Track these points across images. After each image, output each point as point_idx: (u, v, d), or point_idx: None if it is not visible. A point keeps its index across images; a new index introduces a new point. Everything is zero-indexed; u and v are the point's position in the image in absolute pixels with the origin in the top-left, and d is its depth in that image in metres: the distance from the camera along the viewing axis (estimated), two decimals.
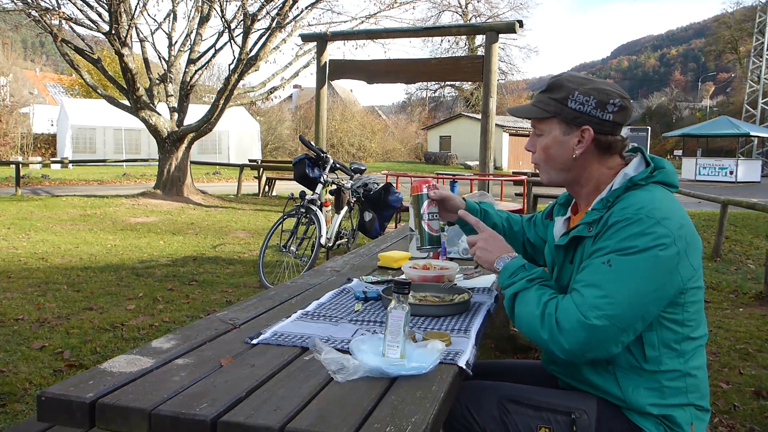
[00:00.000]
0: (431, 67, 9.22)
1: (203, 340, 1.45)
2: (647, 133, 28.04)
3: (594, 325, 1.30)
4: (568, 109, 1.48)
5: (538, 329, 1.38)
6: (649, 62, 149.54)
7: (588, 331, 1.31)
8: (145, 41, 12.98)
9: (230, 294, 5.00)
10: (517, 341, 3.86)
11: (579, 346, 1.32)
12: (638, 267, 1.31)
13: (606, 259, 1.34)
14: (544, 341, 1.37)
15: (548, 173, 1.58)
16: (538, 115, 1.53)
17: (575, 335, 1.32)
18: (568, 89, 1.48)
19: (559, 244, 1.54)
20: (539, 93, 1.57)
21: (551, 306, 1.38)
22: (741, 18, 43.09)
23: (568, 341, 1.33)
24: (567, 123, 1.50)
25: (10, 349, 3.52)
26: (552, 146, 1.53)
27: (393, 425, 1.04)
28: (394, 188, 5.54)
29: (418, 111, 49.59)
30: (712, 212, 9.46)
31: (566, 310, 1.34)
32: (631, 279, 1.31)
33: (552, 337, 1.35)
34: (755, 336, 4.15)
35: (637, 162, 1.51)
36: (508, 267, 1.52)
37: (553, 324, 1.35)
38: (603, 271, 1.33)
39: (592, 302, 1.32)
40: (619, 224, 1.36)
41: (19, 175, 13.68)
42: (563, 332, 1.33)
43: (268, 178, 14.73)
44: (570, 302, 1.35)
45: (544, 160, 1.56)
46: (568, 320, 1.33)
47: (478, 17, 41.70)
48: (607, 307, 1.30)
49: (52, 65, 64.50)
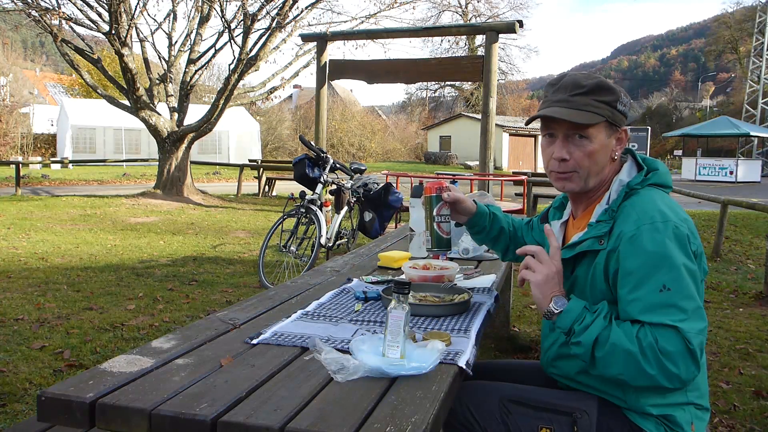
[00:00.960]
0: (431, 67, 9.22)
1: (203, 340, 1.45)
2: (647, 133, 28.07)
3: (697, 346, 1.27)
4: (617, 113, 1.46)
5: (642, 365, 1.27)
6: (649, 62, 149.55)
7: (694, 355, 1.27)
8: (145, 41, 12.98)
9: (230, 294, 5.00)
10: (517, 341, 3.86)
11: (692, 371, 1.27)
12: (683, 274, 1.31)
13: (660, 286, 1.30)
14: (650, 377, 1.27)
15: (586, 180, 1.49)
16: (595, 120, 1.43)
17: (687, 363, 1.26)
18: (615, 92, 1.45)
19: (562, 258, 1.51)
20: (576, 95, 1.45)
21: (647, 337, 1.28)
22: (741, 18, 43.09)
23: (681, 368, 1.26)
24: (611, 126, 1.46)
25: (10, 349, 3.52)
26: (599, 151, 1.46)
27: (393, 425, 1.04)
28: (394, 188, 5.54)
29: (418, 111, 49.59)
30: (712, 212, 9.46)
31: (666, 338, 1.27)
32: (689, 286, 1.31)
33: (662, 369, 1.26)
34: (755, 336, 4.15)
35: (629, 166, 1.51)
36: (571, 309, 1.37)
37: (659, 355, 1.26)
38: (667, 297, 1.30)
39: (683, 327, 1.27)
40: (639, 238, 1.34)
41: (19, 175, 13.68)
42: (674, 360, 1.26)
43: (268, 178, 14.73)
44: (664, 330, 1.28)
45: (587, 167, 1.47)
46: (675, 348, 1.26)
47: (478, 17, 41.70)
48: (695, 323, 1.28)
49: (52, 65, 64.54)
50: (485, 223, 1.87)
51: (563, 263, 1.52)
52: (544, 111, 1.48)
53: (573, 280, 1.50)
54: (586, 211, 1.55)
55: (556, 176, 1.51)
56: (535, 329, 4.16)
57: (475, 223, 1.86)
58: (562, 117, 1.44)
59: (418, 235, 2.53)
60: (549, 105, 1.49)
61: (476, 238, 1.93)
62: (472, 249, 2.62)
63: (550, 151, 1.50)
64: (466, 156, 34.77)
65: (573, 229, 1.59)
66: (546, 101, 1.51)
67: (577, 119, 1.43)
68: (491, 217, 1.88)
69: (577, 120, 1.43)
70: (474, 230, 1.89)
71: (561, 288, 1.43)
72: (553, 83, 1.52)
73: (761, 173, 27.51)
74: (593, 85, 1.45)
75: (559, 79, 1.51)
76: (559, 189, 1.55)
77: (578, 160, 1.46)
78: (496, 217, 1.89)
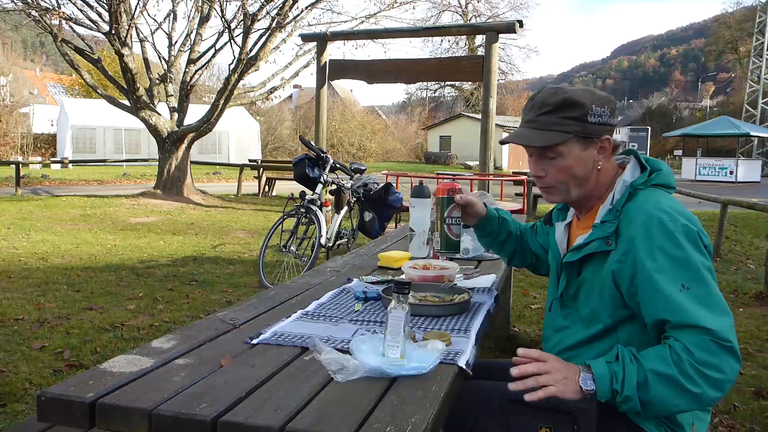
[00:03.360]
0: (431, 67, 9.22)
1: (203, 340, 1.45)
2: (647, 133, 28.09)
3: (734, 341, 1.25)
4: (589, 125, 1.43)
5: (687, 387, 1.23)
6: (649, 62, 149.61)
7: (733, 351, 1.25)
8: (145, 41, 12.98)
9: (230, 294, 5.00)
10: (517, 341, 3.86)
11: (735, 369, 1.25)
12: (700, 269, 1.31)
13: (679, 286, 1.29)
14: (697, 396, 1.23)
15: (566, 193, 1.50)
16: (559, 140, 1.43)
17: (729, 363, 1.24)
18: (583, 105, 1.42)
19: (568, 260, 1.52)
20: (542, 114, 1.45)
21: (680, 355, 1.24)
22: (741, 18, 43.13)
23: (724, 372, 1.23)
24: (585, 138, 1.44)
25: (10, 349, 3.52)
26: (574, 166, 1.45)
27: (393, 425, 1.03)
28: (394, 188, 5.54)
29: (418, 111, 49.60)
30: (712, 212, 9.46)
31: (699, 346, 1.24)
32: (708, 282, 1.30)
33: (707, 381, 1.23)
34: (755, 336, 4.15)
35: (632, 167, 1.51)
36: (600, 377, 1.29)
37: (699, 368, 1.23)
38: (688, 296, 1.29)
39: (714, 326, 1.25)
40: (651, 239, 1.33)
41: (19, 175, 13.68)
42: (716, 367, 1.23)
43: (268, 178, 14.73)
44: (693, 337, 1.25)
45: (564, 182, 1.48)
46: (713, 354, 1.23)
47: (478, 17, 41.70)
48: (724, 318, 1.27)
49: (52, 65, 64.52)
50: (494, 227, 1.85)
51: (570, 265, 1.52)
52: (509, 136, 1.52)
53: (580, 283, 1.50)
54: (589, 213, 1.55)
55: (540, 189, 1.56)
56: (535, 329, 4.16)
57: (484, 226, 1.85)
58: (522, 143, 1.47)
59: (418, 235, 2.53)
60: (521, 125, 1.52)
61: (483, 241, 1.91)
62: (472, 249, 2.62)
63: (531, 167, 1.55)
64: (466, 156, 34.77)
65: (577, 231, 1.59)
66: (521, 120, 1.54)
67: (538, 143, 1.45)
68: (500, 221, 1.86)
69: (538, 144, 1.45)
70: (482, 233, 1.87)
71: (569, 367, 1.34)
72: (530, 99, 1.53)
73: (761, 173, 27.53)
74: (558, 102, 1.43)
75: (533, 97, 1.52)
76: (547, 201, 1.58)
77: (554, 175, 1.48)
78: (505, 222, 1.86)
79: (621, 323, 1.43)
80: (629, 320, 1.43)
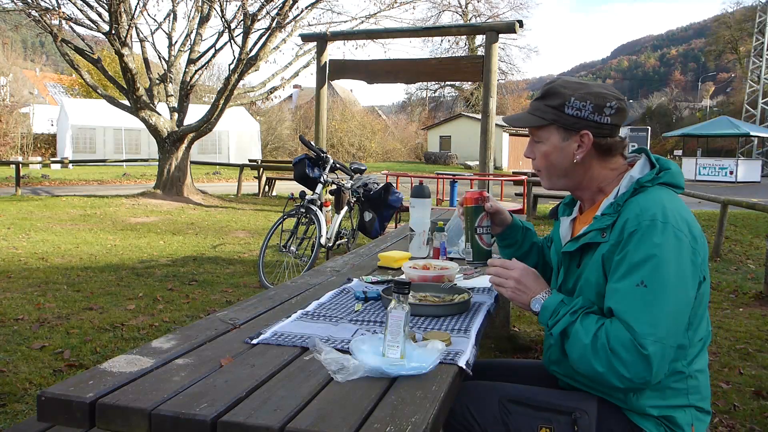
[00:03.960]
0: (431, 67, 9.21)
1: (203, 340, 1.45)
2: (647, 133, 28.04)
3: (652, 353, 1.27)
4: (565, 116, 1.49)
5: (591, 361, 1.32)
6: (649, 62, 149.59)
7: (648, 360, 1.27)
8: (145, 41, 12.98)
9: (230, 294, 5.00)
10: (517, 341, 3.86)
11: (642, 376, 1.28)
12: (669, 279, 1.30)
13: (638, 281, 1.31)
14: (599, 374, 1.32)
15: (550, 179, 1.59)
16: (535, 123, 1.53)
17: (636, 367, 1.27)
18: (563, 95, 1.48)
19: (567, 250, 1.53)
20: (534, 100, 1.57)
21: (602, 336, 1.32)
22: (741, 18, 43.10)
23: (630, 371, 1.28)
24: (565, 129, 1.50)
25: (10, 349, 3.52)
26: (552, 153, 1.53)
27: (393, 425, 1.03)
28: (394, 188, 5.54)
29: (418, 111, 49.59)
30: (712, 212, 9.46)
31: (619, 339, 1.29)
32: (668, 293, 1.30)
33: (610, 368, 1.30)
34: (755, 336, 4.15)
35: (642, 164, 1.51)
36: (547, 306, 1.45)
37: (609, 354, 1.30)
38: (641, 293, 1.30)
39: (642, 330, 1.28)
40: (638, 233, 1.34)
41: (19, 175, 13.68)
42: (623, 362, 1.28)
43: (268, 178, 14.73)
44: (621, 330, 1.30)
45: (545, 167, 1.56)
46: (626, 350, 1.28)
47: (478, 17, 41.69)
48: (658, 330, 1.28)
49: (52, 65, 64.50)
50: (518, 236, 1.84)
51: (569, 256, 1.54)
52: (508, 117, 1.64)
53: (579, 273, 1.50)
54: (593, 207, 1.56)
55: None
56: (535, 329, 4.16)
57: (508, 235, 1.84)
58: (510, 123, 1.63)
59: (418, 235, 2.53)
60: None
61: (506, 251, 1.88)
62: None
63: None
64: (466, 156, 34.77)
65: (580, 224, 1.59)
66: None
67: (521, 124, 1.58)
68: (524, 231, 1.85)
69: (520, 124, 1.59)
70: (505, 242, 1.86)
71: (536, 287, 1.50)
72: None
73: (761, 173, 27.53)
74: (545, 91, 1.54)
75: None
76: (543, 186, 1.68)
77: (537, 160, 1.58)
78: (528, 232, 1.86)
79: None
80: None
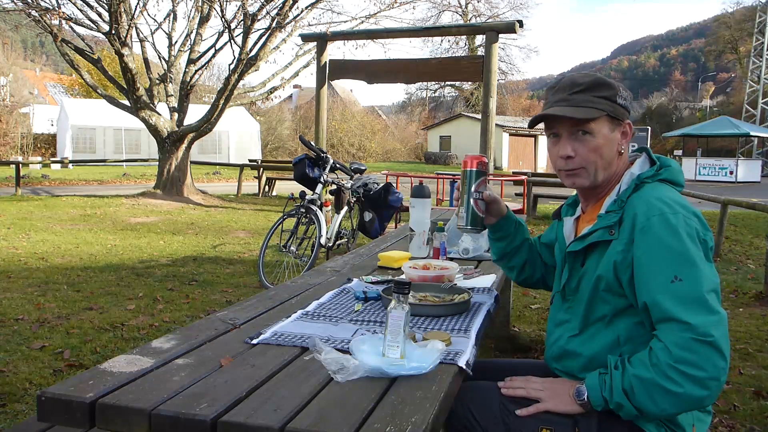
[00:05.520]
0: (431, 67, 9.22)
1: (203, 340, 1.45)
2: (647, 133, 27.98)
3: (718, 337, 1.23)
4: (617, 106, 1.48)
5: (667, 389, 1.24)
6: (649, 62, 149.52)
7: (715, 345, 1.23)
8: (145, 41, 12.98)
9: (230, 294, 5.00)
10: (517, 341, 3.86)
11: (720, 366, 1.23)
12: (696, 262, 1.30)
13: (671, 277, 1.29)
14: (681, 396, 1.24)
15: (594, 176, 1.49)
16: (595, 115, 1.45)
17: (709, 360, 1.22)
18: (613, 86, 1.48)
19: (572, 250, 1.52)
20: (575, 93, 1.48)
21: (660, 357, 1.25)
22: (741, 18, 43.06)
23: (707, 369, 1.22)
24: (613, 119, 1.48)
25: (10, 349, 3.52)
26: (605, 145, 1.47)
27: (393, 425, 1.04)
28: (394, 188, 5.55)
29: (418, 111, 49.59)
30: (712, 212, 9.45)
31: (679, 345, 1.24)
32: (702, 276, 1.29)
33: (687, 379, 1.23)
34: (755, 336, 4.15)
35: (642, 161, 1.53)
36: (591, 386, 1.37)
37: (677, 367, 1.23)
38: (679, 288, 1.28)
39: (698, 321, 1.24)
40: (651, 229, 1.34)
41: (19, 175, 13.68)
42: (694, 364, 1.22)
43: (268, 178, 14.73)
44: (674, 335, 1.25)
45: (594, 162, 1.48)
46: (690, 351, 1.23)
47: (478, 17, 41.67)
48: (711, 311, 1.26)
49: (52, 65, 64.52)
50: (511, 229, 1.79)
51: (574, 256, 1.53)
52: (545, 111, 1.51)
53: (582, 273, 1.50)
54: (596, 205, 1.56)
55: (565, 174, 1.53)
56: (535, 329, 4.16)
57: (502, 227, 1.78)
58: (563, 114, 1.46)
59: (418, 235, 2.54)
60: (550, 106, 1.51)
61: (497, 245, 1.82)
62: (472, 249, 2.62)
63: (556, 150, 1.52)
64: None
65: (583, 223, 1.59)
66: (547, 103, 1.54)
67: (577, 115, 1.45)
68: (517, 225, 1.81)
69: (576, 116, 1.45)
70: (498, 235, 1.80)
71: (564, 383, 1.46)
72: (552, 86, 1.56)
73: (761, 173, 27.52)
74: (590, 82, 1.48)
75: (558, 81, 1.55)
76: (569, 186, 1.55)
77: (584, 155, 1.48)
78: (521, 227, 1.82)
79: (619, 316, 1.44)
80: (627, 313, 1.43)
